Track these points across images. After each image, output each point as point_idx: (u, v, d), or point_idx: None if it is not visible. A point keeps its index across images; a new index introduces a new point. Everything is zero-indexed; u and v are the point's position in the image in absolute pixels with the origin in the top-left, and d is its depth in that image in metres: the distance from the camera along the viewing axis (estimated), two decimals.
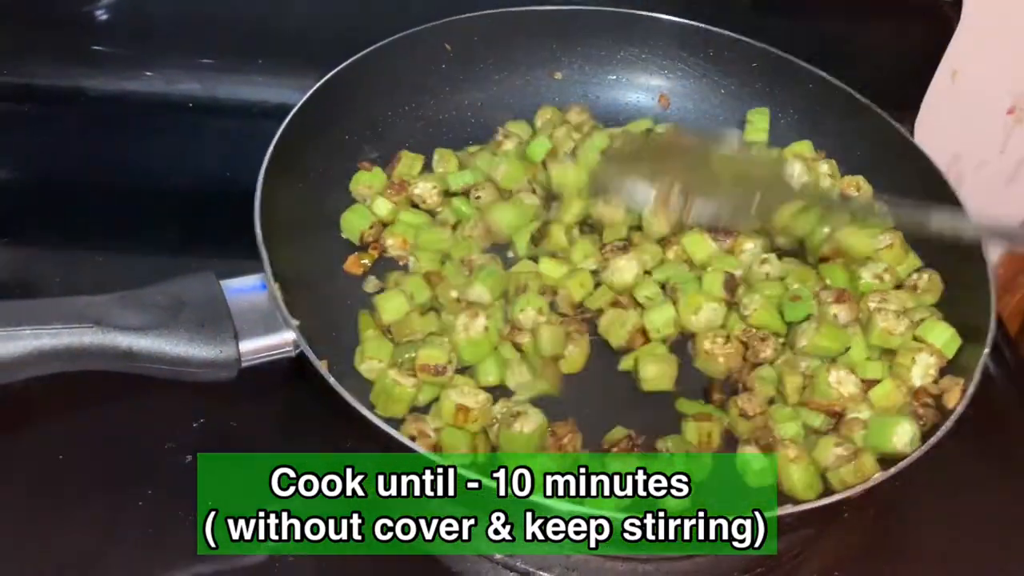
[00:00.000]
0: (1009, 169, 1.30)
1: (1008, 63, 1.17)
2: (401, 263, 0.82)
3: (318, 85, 0.82)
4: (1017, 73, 1.18)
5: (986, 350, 0.68)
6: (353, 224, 0.82)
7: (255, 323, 0.65)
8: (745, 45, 0.92)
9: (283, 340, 0.66)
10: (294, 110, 0.80)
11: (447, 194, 0.87)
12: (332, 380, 0.62)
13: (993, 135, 1.26)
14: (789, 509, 0.60)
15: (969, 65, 1.16)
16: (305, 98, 0.81)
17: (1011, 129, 1.25)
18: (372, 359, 0.72)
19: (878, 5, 0.99)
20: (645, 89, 0.97)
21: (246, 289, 0.67)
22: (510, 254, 0.83)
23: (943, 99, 1.18)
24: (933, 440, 0.63)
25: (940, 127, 1.21)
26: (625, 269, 0.79)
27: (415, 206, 0.86)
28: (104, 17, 0.99)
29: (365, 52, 0.86)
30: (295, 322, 0.65)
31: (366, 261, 0.82)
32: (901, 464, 0.62)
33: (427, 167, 0.89)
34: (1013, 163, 1.29)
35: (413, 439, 0.65)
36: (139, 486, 0.70)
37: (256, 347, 0.65)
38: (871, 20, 1.00)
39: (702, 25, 0.93)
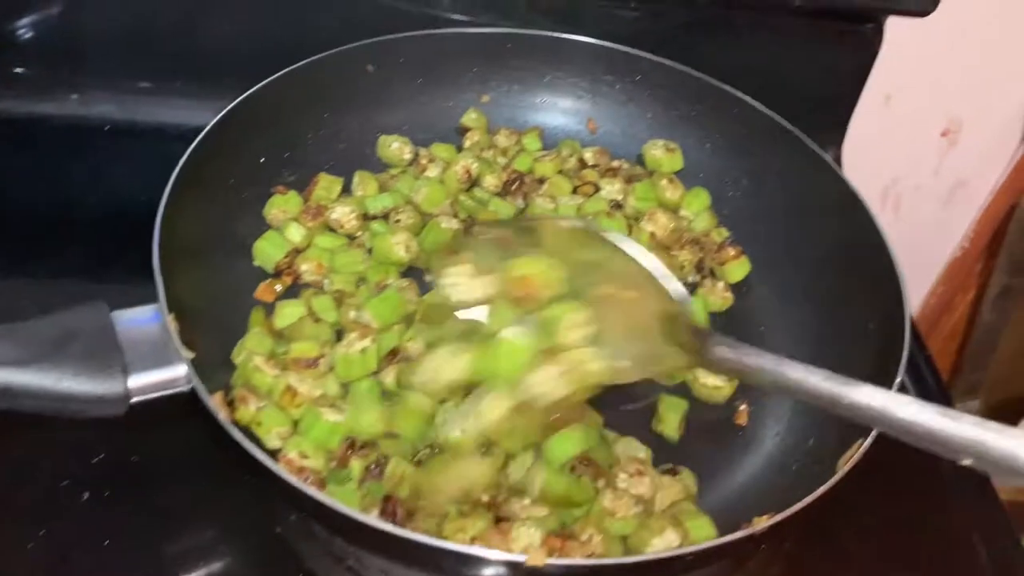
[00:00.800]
0: (944, 191, 1.32)
1: (940, 86, 1.19)
2: (316, 288, 0.81)
3: (231, 106, 0.81)
4: (949, 95, 1.21)
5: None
6: (266, 252, 0.80)
7: (147, 356, 0.63)
8: (669, 70, 0.92)
9: (176, 375, 0.63)
10: (204, 131, 0.78)
11: (366, 218, 0.85)
12: (221, 416, 0.59)
13: (927, 158, 1.28)
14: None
15: (902, 89, 1.18)
16: (217, 119, 0.79)
17: (945, 151, 1.27)
18: (249, 350, 0.71)
19: (802, 31, 0.99)
20: (573, 113, 0.97)
21: (140, 320, 0.64)
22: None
23: (878, 123, 1.19)
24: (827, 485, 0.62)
25: (876, 151, 1.23)
26: None
27: (332, 231, 0.84)
28: (26, 36, 0.97)
29: (282, 72, 0.85)
30: (188, 354, 0.63)
31: (279, 287, 0.80)
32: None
33: (347, 190, 0.88)
34: (948, 185, 1.31)
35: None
36: (33, 526, 0.67)
37: (147, 382, 0.62)
38: (795, 46, 1.00)
39: (627, 49, 0.92)
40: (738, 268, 0.86)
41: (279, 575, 0.67)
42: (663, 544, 0.63)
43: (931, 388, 0.87)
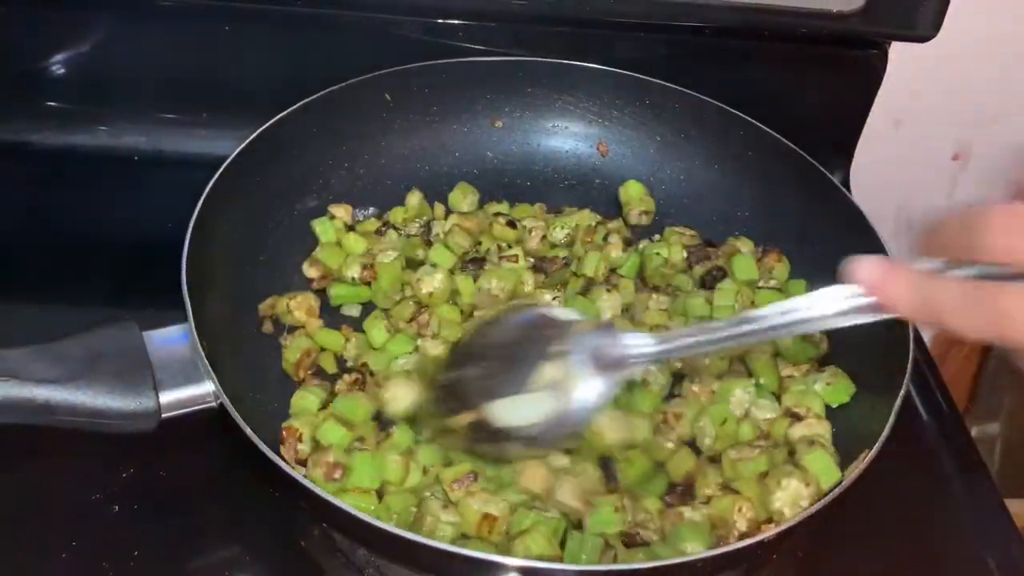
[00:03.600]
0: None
1: (949, 110, 1.19)
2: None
3: (254, 135, 0.83)
4: (959, 119, 1.21)
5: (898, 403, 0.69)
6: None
7: (176, 374, 0.66)
8: (678, 93, 0.94)
9: (204, 391, 0.66)
10: (228, 160, 0.80)
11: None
12: (249, 431, 0.62)
13: (940, 181, 1.28)
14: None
15: (912, 114, 1.18)
16: (240, 148, 0.82)
17: (957, 175, 1.27)
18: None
19: (808, 57, 1.01)
20: (583, 137, 0.99)
21: (170, 340, 0.67)
22: None
23: (889, 148, 1.20)
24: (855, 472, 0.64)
25: (887, 176, 1.23)
26: None
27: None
28: (58, 72, 1.00)
29: (302, 102, 0.87)
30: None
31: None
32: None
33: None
34: (960, 208, 1.31)
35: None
36: (65, 537, 0.69)
37: (177, 398, 0.65)
38: (802, 71, 1.02)
39: (635, 74, 0.95)
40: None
41: None
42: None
43: (944, 411, 0.88)
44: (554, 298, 0.84)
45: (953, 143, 1.23)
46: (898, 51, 1.00)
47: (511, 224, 0.90)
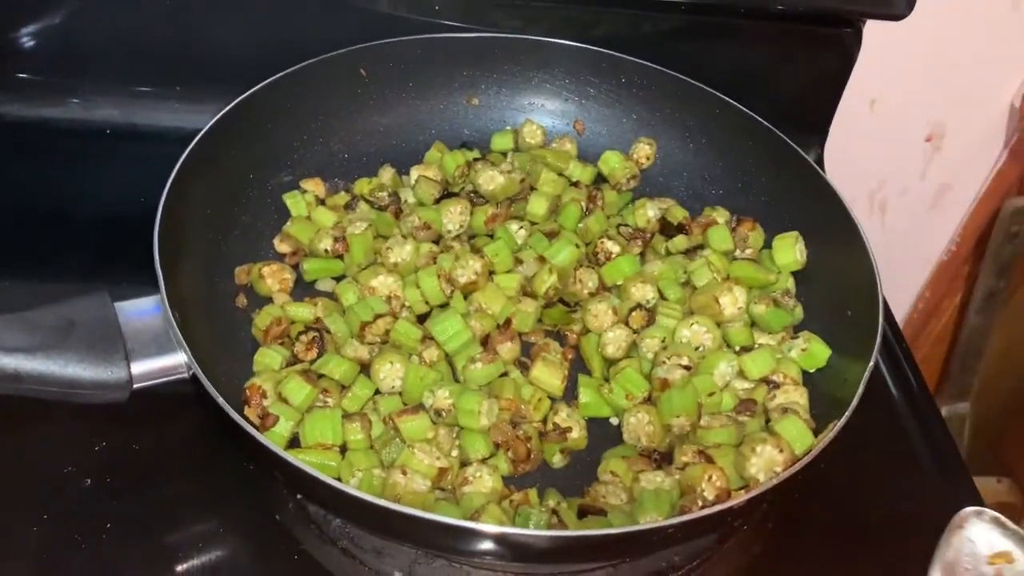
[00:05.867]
0: (930, 195, 1.35)
1: (923, 92, 1.22)
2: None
3: (227, 109, 0.84)
4: (932, 102, 1.23)
5: (871, 363, 0.70)
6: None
7: (148, 344, 0.66)
8: (653, 71, 0.95)
9: (176, 362, 0.66)
10: (201, 133, 0.81)
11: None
12: (220, 399, 0.62)
13: (913, 162, 1.30)
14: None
15: (887, 95, 1.21)
16: (213, 121, 0.82)
17: (930, 156, 1.29)
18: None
19: (782, 35, 1.01)
20: (560, 115, 1.00)
21: (142, 311, 0.67)
22: None
23: (864, 128, 1.22)
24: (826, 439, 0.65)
25: (862, 155, 1.26)
26: None
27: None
28: (29, 44, 0.99)
29: (277, 76, 0.88)
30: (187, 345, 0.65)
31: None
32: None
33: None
34: (934, 189, 1.34)
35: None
36: (37, 509, 0.69)
37: (149, 369, 0.65)
38: (776, 49, 1.03)
39: (611, 52, 0.95)
40: None
41: (276, 558, 0.70)
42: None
43: (914, 388, 0.89)
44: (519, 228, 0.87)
45: (926, 125, 1.26)
46: (874, 32, 1.01)
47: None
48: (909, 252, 1.41)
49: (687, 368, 0.74)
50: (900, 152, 1.29)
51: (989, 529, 0.68)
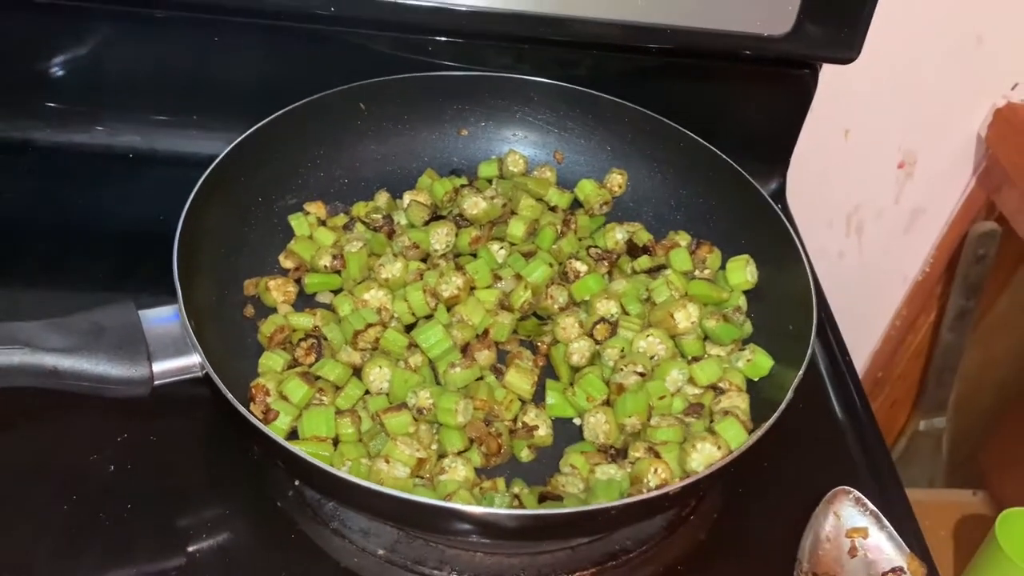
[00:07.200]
0: (904, 218, 1.41)
1: (894, 122, 1.29)
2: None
3: (241, 138, 0.92)
4: (903, 131, 1.31)
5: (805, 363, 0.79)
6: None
7: (168, 347, 0.75)
8: (626, 108, 1.03)
9: (192, 363, 0.75)
10: (216, 160, 0.89)
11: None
12: (229, 394, 0.71)
13: (887, 188, 1.37)
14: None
15: (860, 125, 1.28)
16: (228, 149, 0.90)
17: (903, 182, 1.37)
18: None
19: (746, 75, 1.10)
20: (542, 146, 1.09)
21: (162, 318, 0.77)
22: None
23: (839, 156, 1.30)
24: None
25: (840, 181, 1.33)
26: None
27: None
28: (58, 75, 1.08)
29: (287, 108, 0.96)
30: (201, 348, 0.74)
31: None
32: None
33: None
34: (907, 212, 1.40)
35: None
36: (66, 490, 0.78)
37: (168, 368, 0.74)
38: (740, 88, 1.12)
39: (588, 90, 1.04)
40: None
41: (276, 538, 0.78)
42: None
43: (853, 398, 0.97)
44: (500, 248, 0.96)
45: (898, 152, 1.33)
46: (846, 67, 1.08)
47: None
48: (886, 272, 1.48)
49: (641, 375, 0.83)
50: (874, 178, 1.36)
51: (852, 507, 0.77)
